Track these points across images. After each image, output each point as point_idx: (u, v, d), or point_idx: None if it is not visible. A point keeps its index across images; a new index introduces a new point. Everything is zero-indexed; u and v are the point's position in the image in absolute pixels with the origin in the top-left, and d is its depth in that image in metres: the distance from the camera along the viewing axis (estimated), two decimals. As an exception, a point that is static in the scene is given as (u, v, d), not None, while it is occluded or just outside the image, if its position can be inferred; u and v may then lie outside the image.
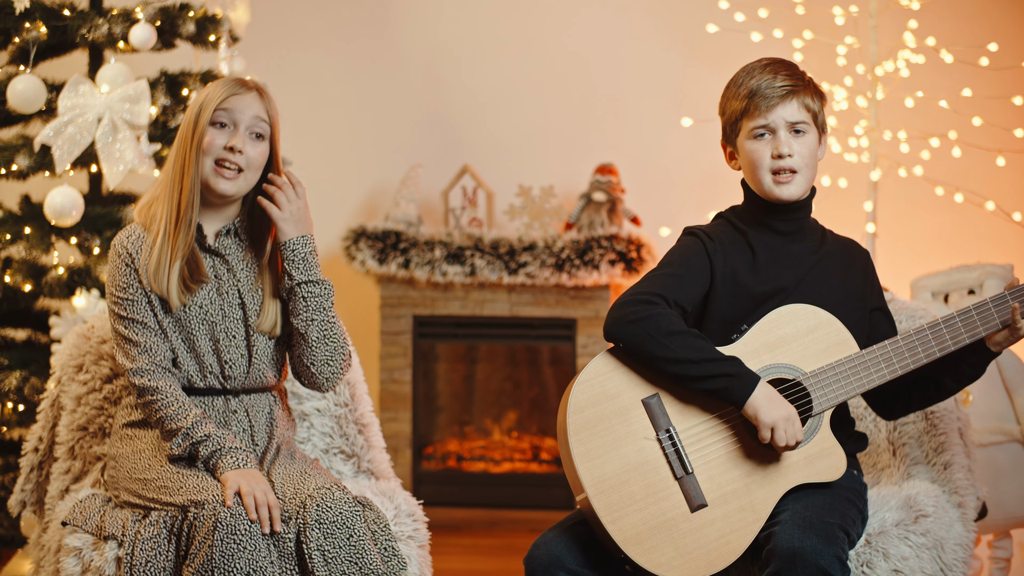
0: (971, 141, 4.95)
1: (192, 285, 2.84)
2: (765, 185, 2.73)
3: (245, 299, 2.88)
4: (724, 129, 2.79)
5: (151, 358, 2.81)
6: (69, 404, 3.11)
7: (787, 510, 2.60)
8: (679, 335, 2.60)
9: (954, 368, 2.76)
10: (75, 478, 3.08)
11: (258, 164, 2.87)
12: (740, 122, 2.73)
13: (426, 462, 5.25)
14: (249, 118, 2.85)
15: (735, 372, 2.59)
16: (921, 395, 2.80)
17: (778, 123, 2.70)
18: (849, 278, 2.80)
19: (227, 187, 2.83)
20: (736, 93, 2.73)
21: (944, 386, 2.78)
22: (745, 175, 2.78)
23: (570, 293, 5.05)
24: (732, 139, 2.77)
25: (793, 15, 5.05)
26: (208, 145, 2.82)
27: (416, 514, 3.02)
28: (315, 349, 2.88)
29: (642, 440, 2.62)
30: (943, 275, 4.32)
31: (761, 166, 2.72)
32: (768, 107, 2.69)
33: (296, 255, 2.86)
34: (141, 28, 3.92)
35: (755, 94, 2.69)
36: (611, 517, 2.57)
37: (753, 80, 2.71)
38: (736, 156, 2.79)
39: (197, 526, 2.62)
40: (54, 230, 3.95)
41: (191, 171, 2.82)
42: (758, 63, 2.76)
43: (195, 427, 2.76)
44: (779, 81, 2.70)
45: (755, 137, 2.72)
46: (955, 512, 2.91)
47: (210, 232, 2.90)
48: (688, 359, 2.59)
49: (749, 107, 2.70)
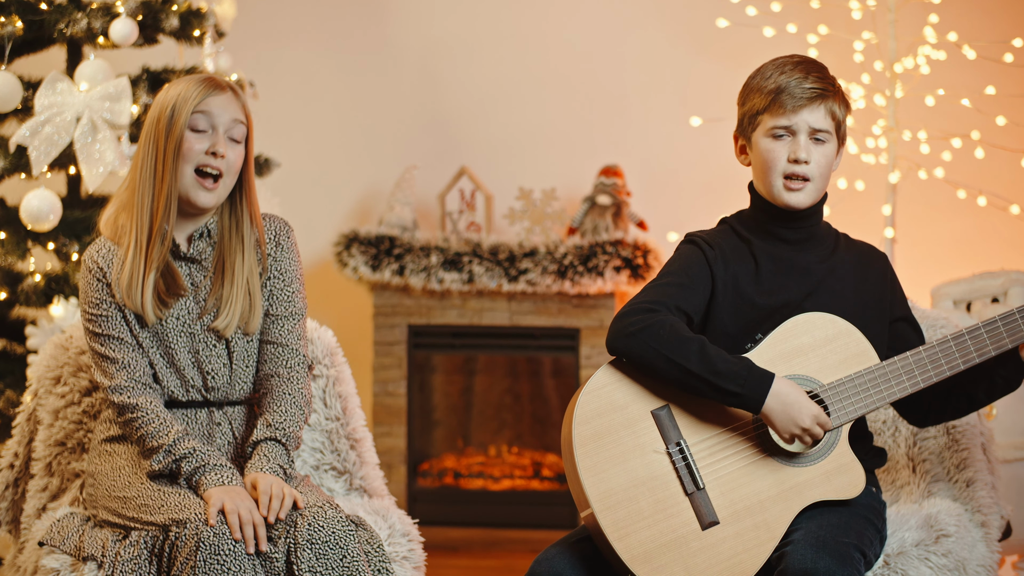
0: (995, 141, 4.96)
1: (168, 299, 2.84)
2: (774, 189, 2.73)
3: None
4: (741, 120, 2.79)
5: (130, 374, 2.81)
6: (46, 418, 3.12)
7: (800, 529, 2.60)
8: (682, 343, 2.60)
9: (987, 381, 2.76)
10: (52, 496, 3.09)
11: (236, 169, 2.87)
12: (760, 116, 2.72)
13: (422, 479, 5.25)
14: (227, 120, 2.85)
15: (743, 385, 2.58)
16: (953, 408, 2.81)
17: (800, 126, 2.70)
18: (866, 287, 2.80)
19: (208, 200, 2.84)
20: (761, 86, 2.72)
21: (977, 399, 2.78)
22: (754, 174, 2.78)
23: (573, 301, 5.06)
24: (748, 132, 2.77)
25: (808, 9, 5.06)
26: (188, 151, 2.81)
27: (411, 534, 3.02)
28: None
29: (651, 453, 2.62)
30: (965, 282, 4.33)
31: (774, 168, 2.72)
32: (794, 108, 2.69)
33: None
34: (122, 23, 3.93)
35: (782, 91, 2.69)
36: (618, 534, 2.57)
37: (783, 76, 2.70)
38: (748, 151, 2.79)
39: (179, 546, 2.62)
40: (30, 235, 3.95)
41: (167, 179, 2.81)
42: (790, 59, 2.75)
43: (177, 443, 2.76)
44: (809, 82, 2.69)
45: (774, 136, 2.72)
46: (978, 532, 2.91)
47: (183, 239, 2.90)
48: (692, 370, 2.59)
49: (773, 104, 2.69)
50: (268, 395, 2.91)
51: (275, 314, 2.95)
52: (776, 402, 2.59)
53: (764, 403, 2.58)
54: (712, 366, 2.59)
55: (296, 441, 2.86)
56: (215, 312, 2.88)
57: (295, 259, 2.99)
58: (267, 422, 2.86)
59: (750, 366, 2.60)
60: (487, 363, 5.43)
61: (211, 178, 2.83)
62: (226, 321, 2.87)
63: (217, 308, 2.88)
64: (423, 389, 5.34)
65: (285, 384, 2.91)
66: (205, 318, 2.87)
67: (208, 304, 2.87)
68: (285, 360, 2.94)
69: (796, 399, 2.60)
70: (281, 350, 2.94)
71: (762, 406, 2.59)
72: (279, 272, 2.97)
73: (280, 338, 2.95)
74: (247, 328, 2.91)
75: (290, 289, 2.96)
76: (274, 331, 2.95)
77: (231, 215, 2.92)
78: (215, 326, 2.87)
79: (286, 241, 2.98)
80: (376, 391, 5.15)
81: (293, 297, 2.97)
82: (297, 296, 2.97)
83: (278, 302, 2.96)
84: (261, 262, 2.94)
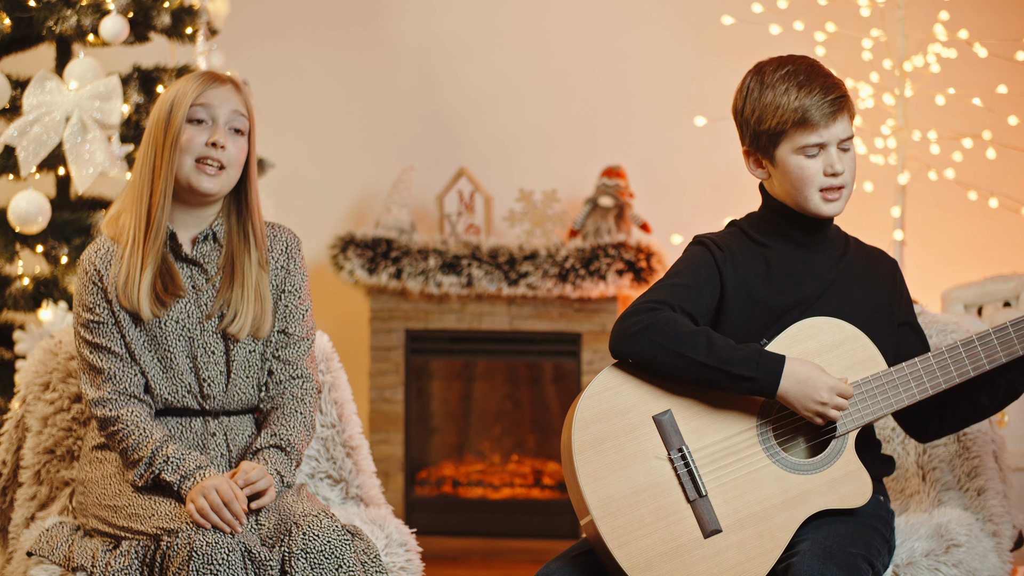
0: (1007, 141, 4.96)
1: (165, 298, 2.84)
2: (812, 203, 2.74)
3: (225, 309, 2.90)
4: (756, 137, 2.76)
5: (115, 386, 2.82)
6: (35, 425, 3.12)
7: (807, 539, 2.61)
8: (687, 336, 2.61)
9: (990, 385, 2.76)
10: (41, 505, 3.09)
11: (239, 161, 2.88)
12: (784, 136, 2.73)
13: (419, 487, 5.26)
14: (228, 112, 2.86)
15: (756, 370, 2.60)
16: (956, 416, 2.81)
17: (831, 140, 2.72)
18: (875, 291, 2.81)
19: (210, 185, 2.84)
20: (779, 104, 2.71)
21: (980, 405, 2.78)
22: (783, 189, 2.76)
23: (575, 305, 5.06)
24: (767, 150, 2.75)
25: (815, 6, 5.07)
26: (187, 143, 2.83)
27: (409, 544, 3.03)
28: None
29: (653, 459, 2.63)
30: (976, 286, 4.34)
31: (811, 184, 2.73)
32: (825, 125, 2.70)
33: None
34: (112, 20, 3.93)
35: (808, 110, 2.69)
36: (618, 542, 2.58)
37: (804, 93, 2.70)
38: (763, 165, 2.79)
39: (171, 555, 2.63)
40: (18, 238, 3.96)
41: (164, 171, 2.82)
42: (794, 68, 2.73)
43: (156, 453, 2.76)
44: (831, 95, 2.71)
45: (806, 155, 2.73)
46: (989, 542, 2.91)
47: (186, 240, 2.91)
48: (701, 362, 2.60)
49: (801, 124, 2.69)
50: (276, 411, 2.92)
51: (290, 333, 2.96)
52: (791, 382, 2.61)
53: (780, 384, 2.60)
54: (721, 354, 2.60)
55: (299, 455, 2.87)
56: (221, 315, 2.88)
57: (306, 275, 3.00)
58: (272, 432, 2.87)
59: (760, 351, 2.62)
60: (486, 369, 5.44)
61: (212, 167, 2.84)
62: (239, 324, 2.88)
63: (225, 311, 2.88)
64: (421, 395, 5.35)
65: (297, 403, 2.93)
66: (210, 322, 2.88)
67: (214, 308, 2.88)
68: (300, 383, 2.95)
69: (810, 374, 2.62)
70: (295, 372, 2.95)
71: (778, 387, 2.60)
72: (293, 288, 2.97)
73: (295, 359, 2.96)
74: (258, 332, 2.91)
75: (303, 307, 2.97)
76: (289, 352, 2.95)
77: (237, 216, 2.93)
78: (229, 330, 2.87)
79: (297, 255, 2.99)
80: (373, 397, 5.15)
81: (306, 316, 2.97)
82: (308, 315, 2.99)
83: (294, 320, 2.96)
84: (275, 270, 2.95)
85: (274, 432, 2.86)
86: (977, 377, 2.75)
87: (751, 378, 2.61)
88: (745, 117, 2.77)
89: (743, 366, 2.61)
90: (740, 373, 2.61)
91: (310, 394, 2.95)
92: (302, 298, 2.97)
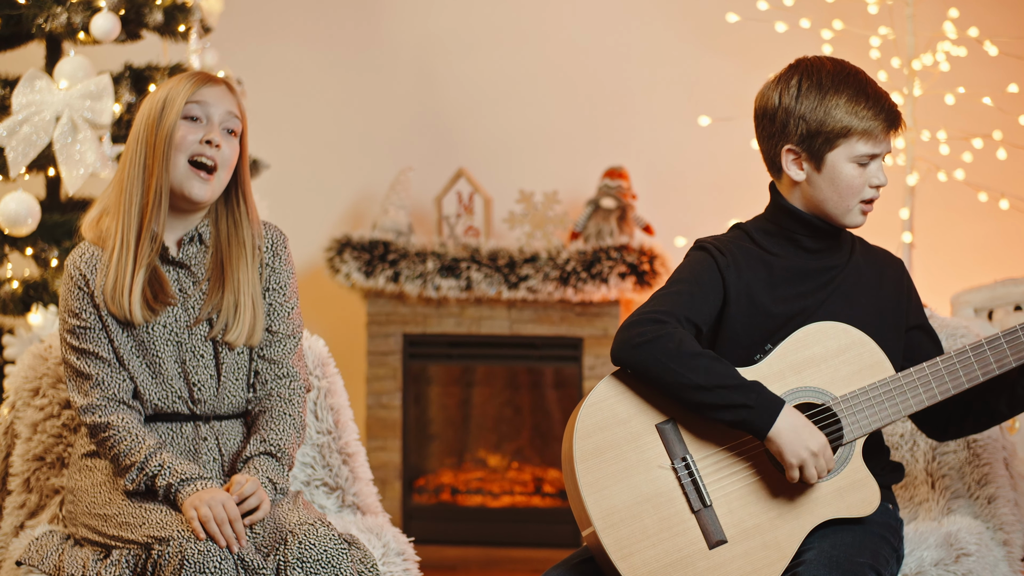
0: (1017, 142, 4.97)
1: (156, 306, 2.84)
2: (851, 213, 2.73)
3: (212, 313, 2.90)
4: (810, 137, 2.72)
5: (103, 392, 2.82)
6: (24, 432, 3.12)
7: (813, 548, 2.61)
8: (691, 357, 2.61)
9: (1009, 392, 2.77)
10: (31, 513, 3.09)
11: (231, 163, 2.88)
12: (846, 139, 2.71)
13: (417, 495, 5.26)
14: (222, 112, 2.87)
15: (754, 402, 2.59)
16: (973, 421, 2.81)
17: (883, 153, 2.74)
18: (881, 294, 2.81)
19: (202, 192, 2.84)
20: (852, 110, 2.70)
21: (999, 413, 2.78)
22: (821, 194, 2.73)
23: (576, 309, 5.07)
24: (819, 152, 2.72)
25: (822, 3, 5.07)
26: (181, 140, 2.82)
27: (406, 553, 3.03)
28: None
29: (656, 469, 2.63)
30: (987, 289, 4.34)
31: (857, 193, 2.72)
32: (885, 137, 2.72)
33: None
34: (103, 17, 3.94)
35: (877, 120, 2.70)
36: (621, 553, 2.58)
37: (874, 103, 2.70)
38: (802, 166, 2.75)
39: (162, 564, 2.63)
40: (8, 240, 3.97)
41: (157, 172, 2.82)
42: (861, 78, 2.75)
43: (149, 459, 2.76)
44: (894, 109, 2.74)
45: (860, 164, 2.72)
46: (1000, 550, 2.92)
47: (171, 242, 2.91)
48: (700, 385, 2.60)
49: (868, 132, 2.70)
50: (264, 415, 2.92)
51: (275, 331, 2.95)
52: (786, 424, 2.59)
53: (775, 423, 2.59)
54: (722, 381, 2.60)
55: (290, 459, 2.87)
56: (210, 320, 2.88)
57: (292, 272, 3.00)
58: (261, 438, 2.87)
59: (761, 388, 2.61)
60: (486, 374, 5.44)
61: (206, 169, 2.83)
62: (236, 333, 2.88)
63: (214, 317, 2.88)
64: (419, 401, 5.35)
65: (285, 405, 2.92)
66: (198, 328, 2.88)
67: (202, 312, 2.88)
68: (287, 383, 2.95)
69: (808, 425, 2.61)
70: (281, 371, 2.95)
71: (772, 426, 2.59)
72: (278, 286, 2.97)
73: (281, 358, 2.95)
74: (251, 340, 2.91)
75: (288, 305, 2.97)
76: (275, 350, 2.95)
77: (229, 218, 2.93)
78: (227, 339, 2.88)
79: (283, 252, 2.98)
80: (370, 403, 5.16)
81: (291, 313, 2.97)
82: (295, 313, 2.98)
83: (278, 318, 2.96)
84: (260, 268, 2.95)
85: (264, 438, 2.87)
86: (996, 387, 2.75)
87: (748, 406, 2.59)
88: (800, 114, 2.72)
89: (743, 394, 2.60)
90: (737, 400, 2.60)
91: (298, 394, 2.95)
92: (287, 296, 2.97)
